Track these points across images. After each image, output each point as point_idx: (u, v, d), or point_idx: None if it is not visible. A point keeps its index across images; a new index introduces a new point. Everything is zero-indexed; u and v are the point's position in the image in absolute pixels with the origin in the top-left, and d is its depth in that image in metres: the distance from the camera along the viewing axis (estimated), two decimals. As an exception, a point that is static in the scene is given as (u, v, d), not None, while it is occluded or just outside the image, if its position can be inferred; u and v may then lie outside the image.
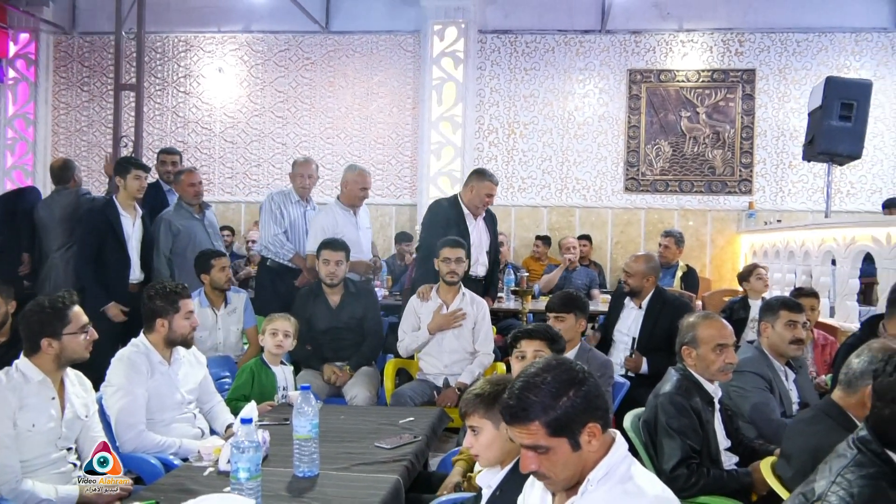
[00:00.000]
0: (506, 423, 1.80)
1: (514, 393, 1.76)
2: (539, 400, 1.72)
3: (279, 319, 3.98)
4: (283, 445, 2.86)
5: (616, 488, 1.71)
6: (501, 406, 1.80)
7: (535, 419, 1.72)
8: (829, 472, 1.73)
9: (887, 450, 1.71)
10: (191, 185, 5.64)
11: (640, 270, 4.80)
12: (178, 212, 5.64)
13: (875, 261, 5.64)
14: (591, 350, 3.95)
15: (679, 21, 9.03)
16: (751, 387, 3.37)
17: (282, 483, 2.54)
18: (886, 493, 1.65)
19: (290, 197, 5.68)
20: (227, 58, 9.58)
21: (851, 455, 1.74)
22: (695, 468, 2.73)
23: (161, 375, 3.35)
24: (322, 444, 2.91)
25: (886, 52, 8.81)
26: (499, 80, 9.24)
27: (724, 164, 9.00)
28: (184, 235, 5.49)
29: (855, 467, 1.71)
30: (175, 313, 3.35)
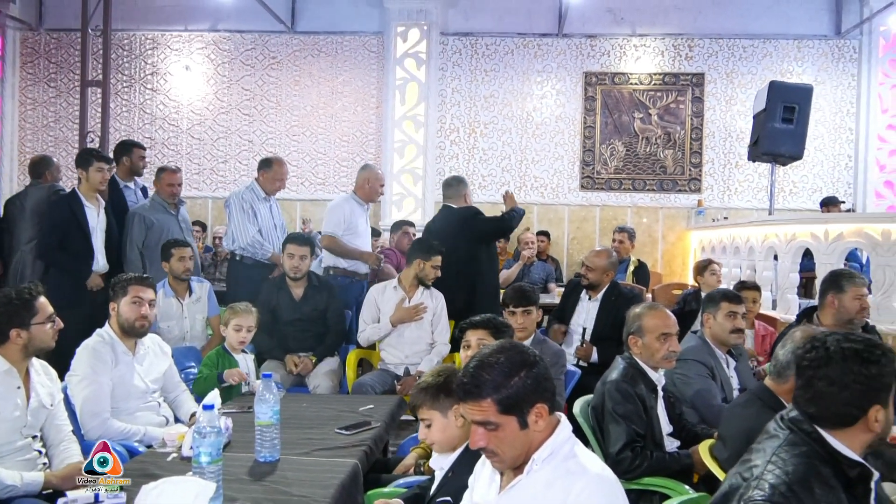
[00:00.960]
0: (459, 400, 1.84)
1: (468, 371, 1.81)
2: (492, 378, 1.77)
3: (243, 314, 3.97)
4: (245, 432, 2.87)
5: (560, 467, 1.76)
6: (456, 385, 1.84)
7: (488, 396, 1.76)
8: (764, 453, 1.77)
9: (819, 427, 1.76)
10: (170, 185, 5.64)
11: (601, 266, 4.85)
12: (152, 206, 5.60)
13: (814, 256, 5.80)
14: (545, 340, 4.01)
15: (632, 26, 9.16)
16: (693, 374, 3.46)
17: (244, 467, 2.55)
18: (819, 468, 1.70)
19: (258, 194, 5.65)
20: (194, 56, 9.49)
21: (784, 435, 1.79)
22: (639, 451, 2.80)
23: (125, 365, 3.34)
24: (284, 430, 2.93)
25: (827, 59, 9.04)
26: (460, 80, 9.29)
27: (674, 164, 9.15)
28: (157, 229, 5.44)
29: (788, 446, 1.75)
30: (123, 297, 3.34)
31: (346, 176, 9.19)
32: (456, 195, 5.38)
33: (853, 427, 1.74)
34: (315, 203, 9.28)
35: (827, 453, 1.73)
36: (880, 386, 1.74)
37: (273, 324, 4.78)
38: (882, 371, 1.74)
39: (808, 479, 1.66)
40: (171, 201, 5.65)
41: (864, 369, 1.73)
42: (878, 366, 1.73)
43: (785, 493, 1.63)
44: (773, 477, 1.68)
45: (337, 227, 5.39)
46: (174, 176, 5.69)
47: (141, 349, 3.46)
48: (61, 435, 2.92)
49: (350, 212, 5.50)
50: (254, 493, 2.33)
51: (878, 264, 5.27)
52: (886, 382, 1.74)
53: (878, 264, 5.27)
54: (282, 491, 2.34)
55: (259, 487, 2.39)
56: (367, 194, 5.63)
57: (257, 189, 5.64)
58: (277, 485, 2.40)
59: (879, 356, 1.74)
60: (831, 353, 1.77)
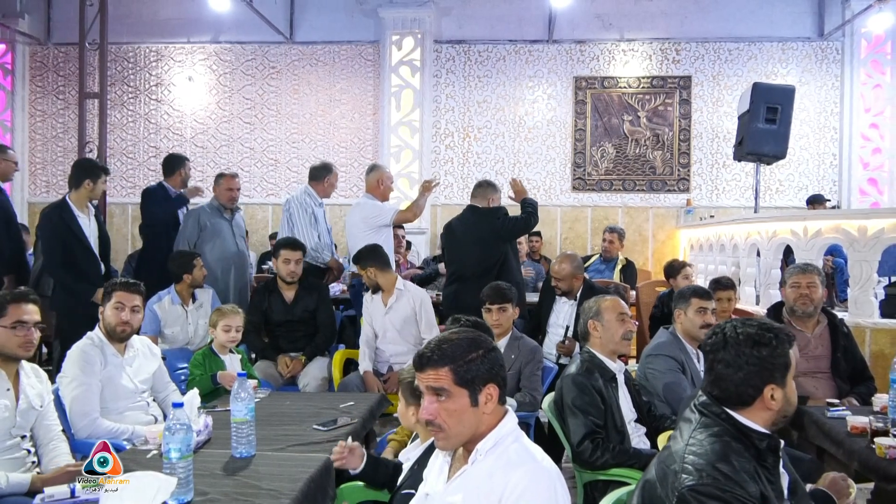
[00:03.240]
0: (416, 371, 1.87)
1: (429, 345, 1.87)
2: (452, 350, 1.82)
3: (231, 315, 3.99)
4: (225, 429, 2.88)
5: (501, 457, 1.77)
6: (415, 356, 1.88)
7: (445, 365, 1.80)
8: (682, 437, 1.82)
9: (726, 408, 1.82)
10: (228, 189, 5.72)
11: (567, 273, 4.81)
12: (210, 209, 5.69)
13: (794, 252, 5.79)
14: (521, 337, 4.02)
15: (620, 31, 9.16)
16: (664, 368, 3.47)
17: (219, 463, 2.57)
18: (731, 445, 1.75)
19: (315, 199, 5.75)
20: (197, 67, 9.54)
21: (696, 419, 1.84)
22: (599, 442, 2.81)
23: (114, 367, 3.37)
24: (264, 427, 2.96)
25: (810, 60, 9.02)
26: (454, 87, 9.31)
27: (663, 165, 9.15)
28: (209, 231, 5.54)
29: (702, 428, 1.81)
30: (108, 301, 3.37)
31: (344, 181, 9.18)
32: (481, 196, 5.39)
33: (753, 406, 1.81)
34: (314, 208, 9.29)
35: (737, 430, 1.79)
36: (773, 366, 1.80)
37: (265, 325, 4.83)
38: (773, 353, 1.80)
39: (726, 455, 1.73)
40: (228, 206, 5.73)
41: (756, 351, 1.80)
42: (769, 348, 1.80)
43: (711, 473, 1.68)
44: (695, 458, 1.73)
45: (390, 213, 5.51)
46: (233, 181, 5.79)
47: (130, 351, 3.49)
48: (51, 435, 2.94)
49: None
50: (225, 488, 2.35)
51: (855, 259, 5.26)
52: (779, 363, 1.81)
53: (855, 259, 5.26)
54: (252, 485, 2.36)
55: (231, 482, 2.40)
56: (382, 194, 5.68)
57: (314, 195, 5.71)
58: (249, 479, 2.42)
59: (770, 339, 1.81)
60: (727, 337, 1.84)
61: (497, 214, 5.24)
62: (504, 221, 5.19)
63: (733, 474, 1.68)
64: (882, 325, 5.10)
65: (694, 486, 1.67)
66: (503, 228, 5.17)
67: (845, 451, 2.85)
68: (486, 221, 5.18)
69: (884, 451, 2.64)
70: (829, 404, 3.31)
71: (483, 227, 5.16)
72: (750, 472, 1.71)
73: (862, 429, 2.87)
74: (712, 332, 1.90)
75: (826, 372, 3.78)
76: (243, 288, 5.70)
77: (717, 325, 1.91)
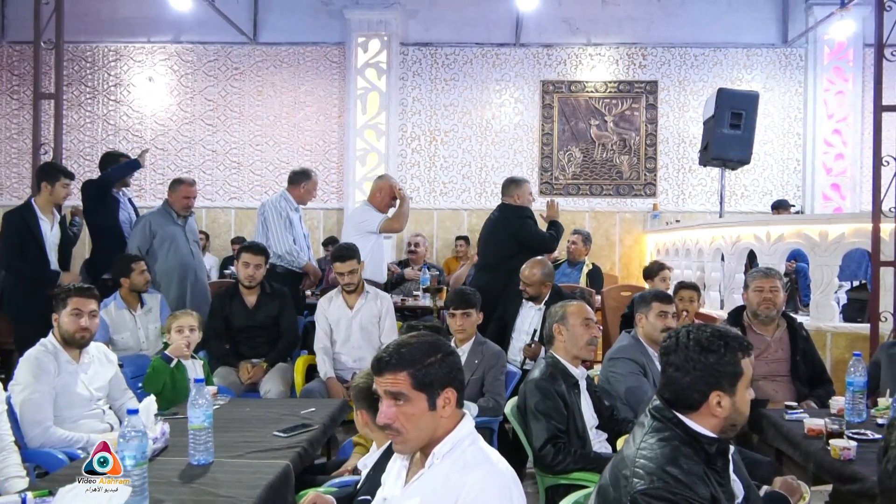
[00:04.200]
0: (375, 375, 1.88)
1: (388, 349, 1.88)
2: (410, 354, 1.84)
3: (182, 316, 3.97)
4: (184, 437, 2.87)
5: (458, 461, 1.80)
6: (374, 360, 1.89)
7: (404, 369, 1.82)
8: (634, 441, 1.87)
9: (678, 414, 1.87)
10: (185, 197, 5.68)
11: (537, 279, 4.82)
12: (161, 214, 5.65)
13: (757, 256, 5.92)
14: (485, 342, 4.06)
15: (587, 36, 9.28)
16: (626, 372, 3.53)
17: (176, 471, 2.56)
18: (681, 449, 1.80)
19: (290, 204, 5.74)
20: (157, 67, 9.45)
21: (648, 423, 1.89)
22: (561, 447, 2.86)
23: (69, 374, 3.34)
24: (223, 434, 2.96)
25: (774, 66, 9.22)
26: (420, 90, 9.34)
27: (630, 169, 9.27)
28: (161, 238, 5.50)
29: (654, 433, 1.85)
30: (63, 308, 3.34)
31: (309, 184, 9.19)
32: (507, 194, 5.68)
33: (700, 411, 1.86)
34: (278, 211, 9.25)
35: (687, 434, 1.84)
36: (719, 374, 1.84)
37: (226, 330, 4.81)
38: (720, 360, 1.84)
39: (676, 459, 1.77)
40: (183, 213, 5.69)
41: (702, 357, 1.84)
42: (716, 355, 1.84)
43: (661, 477, 1.73)
44: (646, 462, 1.77)
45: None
46: (191, 189, 5.73)
47: (85, 358, 3.46)
48: (2, 444, 2.90)
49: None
50: (182, 496, 2.34)
51: (816, 264, 5.40)
52: (726, 371, 1.84)
53: (816, 264, 5.40)
54: (209, 492, 2.36)
55: (187, 489, 2.40)
56: (379, 202, 5.74)
57: (290, 199, 5.71)
58: (206, 486, 2.42)
59: (719, 346, 1.85)
60: (679, 341, 1.90)
61: (520, 214, 5.52)
62: (523, 224, 5.46)
63: (683, 477, 1.72)
64: (842, 329, 5.24)
65: (645, 490, 1.72)
66: (521, 231, 5.43)
67: (802, 452, 2.93)
68: (507, 219, 5.48)
69: (838, 452, 2.71)
70: (788, 407, 3.40)
71: (503, 224, 5.48)
72: (700, 474, 1.76)
73: (818, 431, 2.95)
74: (668, 336, 1.96)
75: (785, 375, 3.87)
76: (202, 292, 5.65)
77: (674, 329, 1.95)
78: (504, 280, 5.24)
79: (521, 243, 5.39)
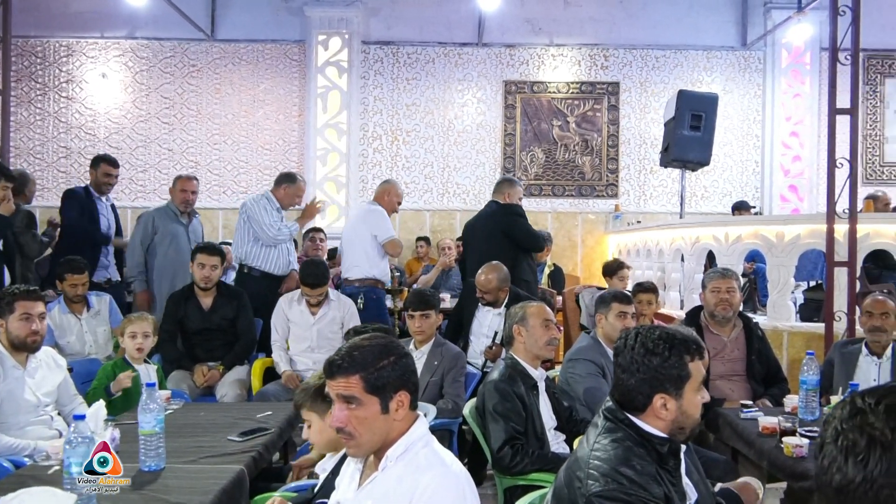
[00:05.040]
0: (327, 378, 1.87)
1: (340, 352, 1.88)
2: (362, 358, 1.84)
3: (137, 321, 3.91)
4: (135, 443, 2.83)
5: (411, 463, 1.81)
6: (326, 363, 1.88)
7: (356, 373, 1.82)
8: (587, 442, 1.90)
9: (629, 415, 1.89)
10: (182, 191, 5.66)
11: (493, 286, 4.78)
12: (164, 211, 5.65)
13: (716, 257, 6.02)
14: (445, 343, 4.07)
15: (550, 36, 9.36)
16: (585, 373, 3.57)
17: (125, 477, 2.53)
18: (633, 449, 1.83)
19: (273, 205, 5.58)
20: (111, 63, 9.29)
21: (602, 424, 1.92)
22: (519, 448, 2.89)
23: (14, 380, 3.27)
24: (176, 439, 2.92)
25: (734, 69, 9.40)
26: (382, 89, 9.33)
27: (592, 170, 9.37)
28: (162, 234, 5.47)
29: (606, 433, 1.88)
30: (10, 314, 3.27)
31: (268, 185, 9.05)
32: (498, 192, 5.71)
33: (647, 412, 1.88)
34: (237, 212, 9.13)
35: (638, 435, 1.86)
36: (663, 376, 1.86)
37: (181, 333, 4.75)
38: (664, 363, 1.86)
39: (628, 459, 1.79)
40: (183, 209, 5.66)
41: (646, 360, 1.87)
42: (660, 358, 1.86)
43: (615, 478, 1.75)
44: (599, 464, 1.80)
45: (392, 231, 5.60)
46: (189, 183, 5.72)
47: (33, 362, 3.39)
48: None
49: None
50: (131, 503, 2.31)
51: (773, 264, 5.51)
52: (670, 374, 1.86)
53: (773, 264, 5.51)
54: (160, 499, 2.33)
55: (137, 496, 2.37)
56: (387, 204, 5.75)
57: (272, 199, 5.60)
58: (157, 493, 2.39)
59: (663, 349, 1.87)
60: (627, 343, 1.92)
61: (512, 210, 5.54)
62: (516, 221, 5.49)
63: (637, 477, 1.75)
64: (798, 329, 5.35)
65: (600, 493, 1.74)
66: (514, 228, 5.45)
67: (756, 451, 2.99)
68: (499, 216, 5.51)
69: (791, 450, 2.78)
70: (743, 406, 3.47)
71: (494, 221, 5.50)
72: (652, 474, 1.78)
73: (772, 429, 3.02)
74: (619, 337, 1.99)
75: (742, 374, 3.95)
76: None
77: (627, 330, 1.98)
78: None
79: (512, 237, 5.44)
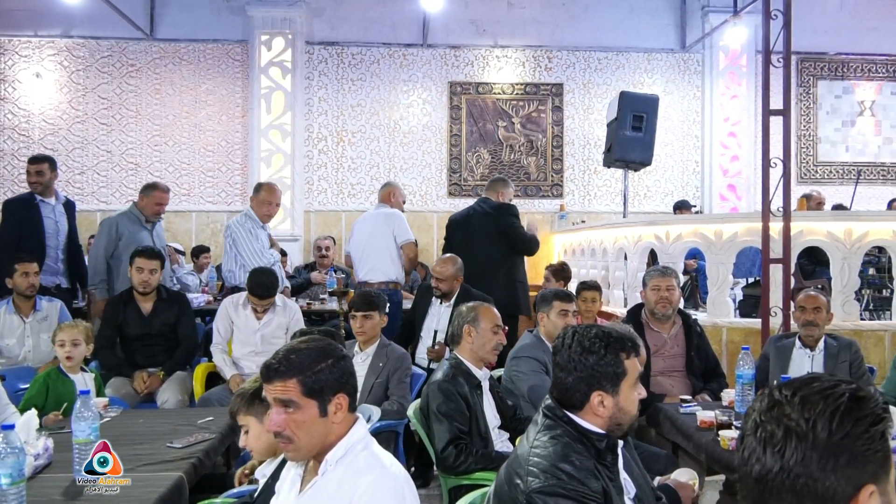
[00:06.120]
0: (264, 382, 1.85)
1: (277, 355, 1.85)
2: (300, 361, 1.82)
3: (66, 329, 3.78)
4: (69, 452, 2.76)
5: (351, 465, 1.80)
6: (263, 367, 1.86)
7: (294, 376, 1.80)
8: (527, 440, 1.92)
9: (568, 412, 1.92)
10: (158, 203, 5.62)
11: (449, 274, 4.89)
12: (128, 217, 5.55)
13: (658, 256, 6.14)
14: (389, 344, 4.06)
15: (494, 37, 9.42)
16: (528, 370, 3.61)
17: (59, 488, 2.46)
18: (572, 446, 1.86)
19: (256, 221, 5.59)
20: (46, 63, 9.03)
21: (542, 421, 1.94)
22: (463, 448, 2.90)
23: (-57, 389, 3.16)
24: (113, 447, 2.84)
25: (674, 71, 9.60)
26: (327, 89, 9.26)
27: (537, 170, 9.46)
28: (127, 240, 5.35)
29: (546, 430, 1.90)
30: None
31: (211, 186, 8.99)
32: (492, 190, 5.81)
33: (585, 410, 1.91)
34: (179, 214, 9.00)
35: (577, 431, 1.89)
36: (599, 374, 1.89)
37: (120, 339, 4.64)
38: (600, 361, 1.89)
39: (567, 455, 1.82)
40: (153, 219, 5.63)
41: (583, 358, 1.90)
42: (595, 356, 1.89)
43: (554, 474, 1.77)
44: (539, 460, 1.82)
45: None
46: (164, 196, 5.70)
47: (-38, 371, 3.28)
48: None
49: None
50: (64, 514, 2.26)
51: (712, 262, 5.64)
52: (606, 371, 1.89)
53: (712, 262, 5.64)
54: (95, 509, 2.28)
55: (71, 507, 2.31)
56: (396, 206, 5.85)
57: (253, 217, 5.59)
58: (93, 503, 2.33)
59: (599, 347, 1.90)
60: (565, 342, 1.95)
61: (509, 211, 5.61)
62: (513, 222, 5.57)
63: (575, 473, 1.77)
64: (737, 324, 5.49)
65: (540, 489, 1.76)
66: (511, 228, 5.52)
67: (695, 444, 3.07)
68: (496, 215, 5.57)
69: (727, 443, 2.86)
70: (683, 401, 3.55)
71: (492, 220, 5.56)
72: (591, 469, 1.81)
73: (709, 423, 3.10)
74: (558, 336, 2.01)
75: (682, 370, 4.04)
76: None
77: (565, 329, 2.00)
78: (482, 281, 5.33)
79: (507, 237, 5.53)
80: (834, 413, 1.03)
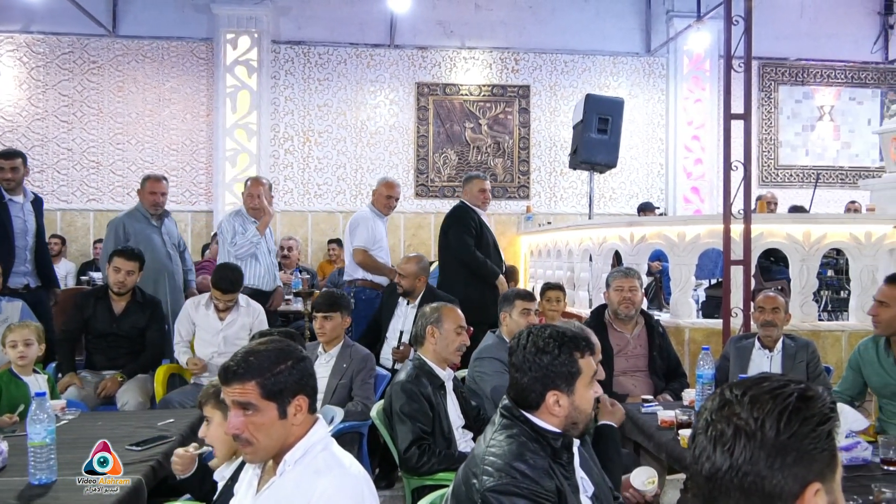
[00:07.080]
0: (223, 384, 1.83)
1: (236, 357, 1.84)
2: (258, 363, 1.81)
3: (17, 329, 3.68)
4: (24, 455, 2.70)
5: (309, 466, 1.79)
6: (221, 369, 1.84)
7: (252, 379, 1.79)
8: (484, 439, 1.94)
9: (524, 412, 1.93)
10: (152, 192, 5.46)
11: (412, 271, 4.88)
12: (133, 216, 5.43)
13: (622, 257, 6.19)
14: (353, 345, 4.04)
15: (461, 39, 9.44)
16: (491, 371, 3.62)
17: (13, 492, 2.41)
18: (527, 445, 1.87)
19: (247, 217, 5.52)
20: (4, 59, 8.83)
21: (499, 421, 1.96)
22: (426, 448, 2.90)
23: None
24: (70, 451, 2.80)
25: (639, 74, 9.70)
26: (293, 89, 9.20)
27: (504, 172, 9.50)
28: (135, 240, 5.22)
29: (502, 430, 1.92)
30: None
31: (175, 186, 8.85)
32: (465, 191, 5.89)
33: (541, 409, 1.92)
34: (142, 214, 8.85)
35: (533, 431, 1.90)
36: (553, 374, 1.90)
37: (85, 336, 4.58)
38: (554, 361, 1.90)
39: (522, 454, 1.83)
40: (153, 212, 5.45)
41: (537, 358, 1.91)
42: (549, 356, 1.90)
43: (509, 472, 1.78)
44: (494, 459, 1.83)
45: (367, 241, 5.55)
46: (157, 184, 5.49)
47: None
48: None
49: (374, 225, 5.64)
50: (18, 519, 2.21)
51: (675, 263, 5.71)
52: (560, 371, 1.90)
53: (675, 263, 5.71)
54: (50, 514, 2.23)
55: (26, 512, 2.26)
56: (380, 206, 5.77)
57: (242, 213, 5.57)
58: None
59: (553, 347, 1.91)
60: (520, 343, 1.96)
61: (454, 212, 5.70)
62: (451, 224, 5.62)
63: (530, 472, 1.79)
64: (699, 325, 5.56)
65: (494, 487, 1.77)
66: (448, 229, 5.61)
67: (655, 444, 3.10)
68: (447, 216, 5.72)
69: (687, 442, 2.88)
70: (645, 401, 3.58)
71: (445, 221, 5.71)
72: (545, 468, 1.82)
73: (670, 422, 3.13)
74: (514, 336, 2.02)
75: (644, 370, 4.08)
76: (177, 300, 5.42)
77: (520, 330, 2.01)
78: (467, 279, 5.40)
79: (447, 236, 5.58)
80: (782, 412, 1.05)
